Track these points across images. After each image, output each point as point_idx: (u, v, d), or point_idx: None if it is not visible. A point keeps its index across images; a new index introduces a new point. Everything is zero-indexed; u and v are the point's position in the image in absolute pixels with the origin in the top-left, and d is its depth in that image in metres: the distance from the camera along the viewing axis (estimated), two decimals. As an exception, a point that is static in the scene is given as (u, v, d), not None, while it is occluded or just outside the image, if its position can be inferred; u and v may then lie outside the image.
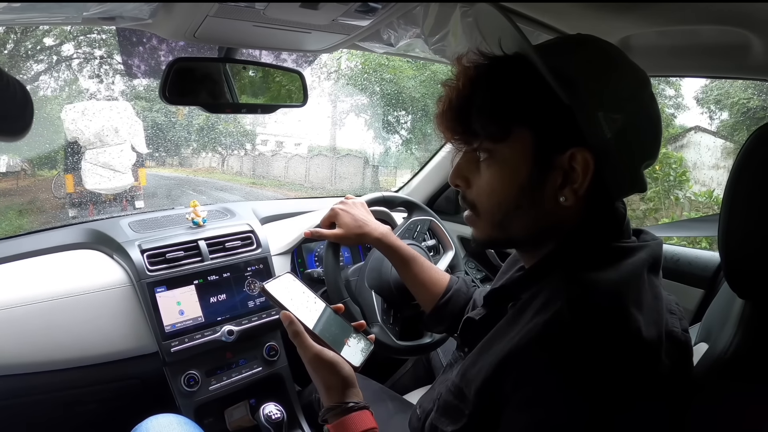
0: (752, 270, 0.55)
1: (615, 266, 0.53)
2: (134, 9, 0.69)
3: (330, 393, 0.67)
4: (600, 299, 0.50)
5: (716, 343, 0.58)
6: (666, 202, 4.54)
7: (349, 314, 1.01)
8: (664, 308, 0.54)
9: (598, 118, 0.52)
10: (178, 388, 1.10)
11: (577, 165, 0.53)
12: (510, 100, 0.54)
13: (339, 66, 7.80)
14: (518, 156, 0.55)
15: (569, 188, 0.54)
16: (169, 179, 7.65)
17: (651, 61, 1.00)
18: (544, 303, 0.52)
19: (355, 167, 8.30)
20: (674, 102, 6.28)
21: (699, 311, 1.04)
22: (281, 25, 0.80)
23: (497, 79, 0.55)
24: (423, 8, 0.81)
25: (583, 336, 0.48)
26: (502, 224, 0.59)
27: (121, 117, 4.85)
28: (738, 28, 0.76)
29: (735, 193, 0.54)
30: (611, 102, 0.53)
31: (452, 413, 0.57)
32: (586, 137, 0.52)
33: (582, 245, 0.56)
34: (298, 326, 0.68)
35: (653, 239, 0.59)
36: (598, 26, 0.88)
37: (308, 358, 0.67)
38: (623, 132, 0.53)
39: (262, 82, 1.04)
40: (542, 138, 0.54)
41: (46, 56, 5.67)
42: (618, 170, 0.55)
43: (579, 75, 0.53)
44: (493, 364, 0.52)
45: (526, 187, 0.55)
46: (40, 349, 0.99)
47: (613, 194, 0.57)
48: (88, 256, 1.18)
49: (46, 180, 5.26)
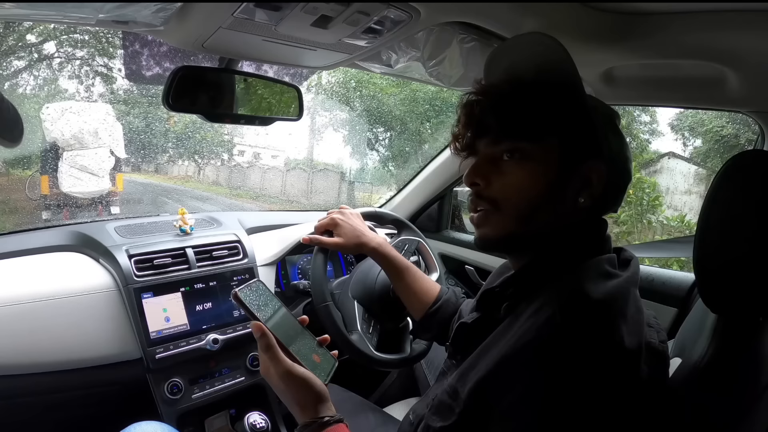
0: (724, 286, 0.59)
1: (605, 279, 0.58)
2: (149, 15, 0.70)
3: (304, 409, 0.66)
4: (591, 308, 0.54)
5: (690, 356, 0.62)
6: (639, 225, 4.69)
7: (330, 319, 1.03)
8: (644, 321, 0.58)
9: (608, 136, 0.63)
10: (161, 395, 1.08)
11: (593, 174, 0.61)
12: (550, 109, 0.62)
13: (320, 80, 7.83)
14: (549, 157, 0.62)
15: (587, 192, 0.62)
16: (144, 186, 7.47)
17: (632, 91, 1.07)
18: (537, 309, 0.56)
19: (332, 182, 8.28)
20: (649, 128, 6.51)
21: (672, 329, 1.09)
22: (289, 42, 0.83)
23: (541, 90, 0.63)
24: (425, 33, 0.86)
25: (571, 342, 0.52)
26: (527, 218, 0.63)
27: (102, 119, 4.75)
28: (715, 63, 0.83)
29: (709, 215, 0.59)
30: (612, 127, 0.65)
31: (444, 411, 0.60)
32: (601, 151, 0.61)
33: (574, 251, 0.62)
34: (270, 339, 0.67)
35: (632, 257, 0.66)
36: (583, 57, 0.94)
37: (280, 373, 0.66)
38: (617, 152, 0.64)
39: (262, 94, 1.06)
40: (570, 145, 0.62)
41: (27, 53, 5.53)
42: (617, 184, 0.65)
43: (594, 102, 0.65)
44: (489, 366, 0.55)
45: (553, 185, 0.62)
46: (22, 351, 0.97)
47: (609, 206, 0.66)
48: (74, 259, 1.16)
49: (20, 180, 5.07)
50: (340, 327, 1.04)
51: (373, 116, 7.48)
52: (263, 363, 0.68)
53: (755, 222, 0.56)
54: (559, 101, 0.62)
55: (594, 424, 0.51)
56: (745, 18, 0.71)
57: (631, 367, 0.54)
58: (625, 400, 0.53)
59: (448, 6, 0.73)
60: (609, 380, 0.52)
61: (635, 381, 0.54)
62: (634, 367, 0.54)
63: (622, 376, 0.53)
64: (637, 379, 0.54)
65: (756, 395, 0.58)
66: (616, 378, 0.52)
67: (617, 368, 0.53)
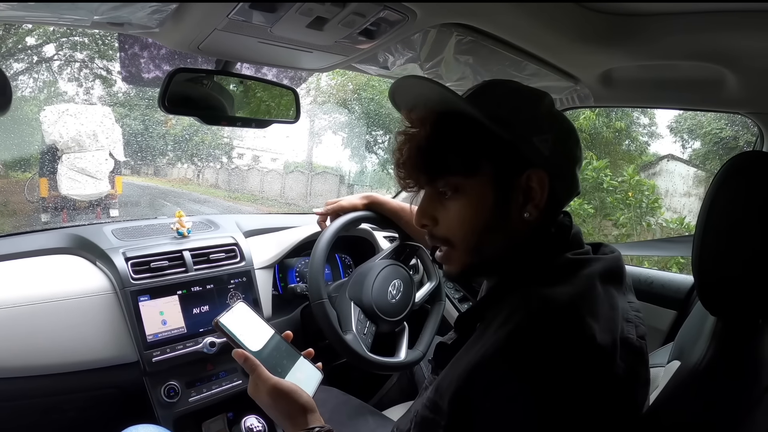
0: (723, 288, 0.59)
1: (570, 279, 0.58)
2: (144, 17, 0.70)
3: (294, 422, 0.69)
4: (557, 311, 0.55)
5: (689, 359, 0.61)
6: (638, 228, 4.70)
7: (325, 317, 1.05)
8: (620, 317, 0.59)
9: (534, 142, 0.61)
10: (158, 398, 1.08)
11: (534, 184, 0.61)
12: (475, 139, 0.61)
13: (318, 83, 7.85)
14: (484, 185, 0.62)
15: (531, 204, 0.62)
16: (143, 188, 7.48)
17: (631, 93, 1.06)
18: (506, 317, 0.56)
19: (331, 185, 8.30)
20: (648, 130, 6.54)
21: (672, 331, 1.08)
22: (285, 43, 0.82)
23: (461, 123, 0.62)
24: (422, 35, 0.85)
25: (543, 344, 0.52)
26: (477, 248, 0.64)
27: (101, 122, 4.75)
28: (714, 64, 0.82)
29: (708, 217, 0.59)
30: (537, 126, 0.62)
31: (428, 426, 0.59)
32: (532, 160, 0.61)
33: (536, 258, 0.62)
34: (253, 361, 0.71)
35: (611, 252, 0.66)
36: (581, 59, 0.94)
37: (267, 389, 0.70)
38: (555, 147, 0.62)
39: (258, 97, 1.06)
40: (501, 167, 0.62)
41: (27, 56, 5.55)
42: (563, 179, 0.64)
43: (507, 113, 0.62)
44: (463, 375, 0.55)
45: (495, 209, 0.62)
46: (18, 353, 0.97)
47: (563, 201, 0.66)
48: (70, 262, 1.15)
49: (19, 182, 5.08)
50: (335, 325, 1.04)
51: (371, 119, 7.50)
52: (251, 383, 0.72)
53: (754, 224, 0.56)
54: (467, 130, 0.61)
55: (573, 421, 0.52)
56: (743, 19, 0.71)
57: (606, 363, 0.54)
58: (601, 396, 0.53)
59: (445, 7, 0.73)
60: (584, 377, 0.52)
61: (611, 377, 0.54)
62: (608, 363, 0.54)
63: (596, 372, 0.53)
64: (612, 375, 0.54)
65: (756, 397, 0.58)
66: (591, 375, 0.53)
67: (591, 365, 0.53)
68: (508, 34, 0.83)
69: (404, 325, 1.22)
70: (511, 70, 1.01)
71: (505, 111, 0.62)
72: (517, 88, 0.67)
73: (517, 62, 0.96)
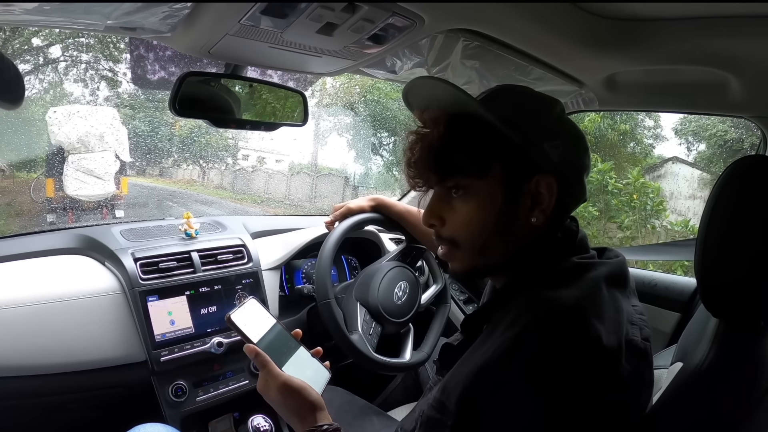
0: (725, 290, 0.60)
1: (576, 282, 0.59)
2: (157, 22, 0.71)
3: (303, 419, 0.69)
4: (563, 313, 0.55)
5: (691, 360, 0.62)
6: (643, 230, 4.68)
7: (331, 316, 1.06)
8: (625, 319, 0.59)
9: (544, 148, 0.62)
10: (166, 398, 1.09)
11: (542, 189, 0.62)
12: (486, 141, 0.62)
13: (324, 85, 7.85)
14: (493, 187, 0.62)
15: (538, 209, 0.63)
16: (148, 189, 7.50)
17: (635, 97, 1.07)
18: (513, 319, 0.57)
19: (336, 186, 8.29)
20: (653, 133, 6.52)
21: (675, 333, 1.09)
22: (295, 48, 0.83)
23: (473, 125, 0.63)
24: (429, 40, 0.86)
25: (549, 346, 0.53)
26: (482, 250, 0.65)
27: (107, 123, 4.78)
28: (717, 68, 0.83)
29: (711, 220, 0.60)
30: (548, 133, 0.63)
31: (434, 426, 0.60)
32: (541, 165, 0.62)
33: (542, 261, 0.63)
34: (265, 357, 0.72)
35: (615, 256, 0.67)
36: (586, 64, 0.94)
37: (277, 386, 0.70)
38: (565, 153, 0.63)
39: (267, 99, 1.07)
40: (511, 170, 0.62)
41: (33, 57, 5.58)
42: (571, 185, 0.65)
43: (519, 118, 0.62)
44: (470, 376, 0.56)
45: (503, 212, 0.63)
46: (27, 353, 0.98)
47: (570, 207, 0.67)
48: (79, 262, 1.17)
49: (26, 182, 5.10)
50: (341, 325, 1.05)
51: (377, 121, 7.50)
52: (260, 379, 0.73)
53: (756, 227, 0.57)
54: (479, 132, 0.62)
55: (579, 422, 0.52)
56: (747, 24, 0.72)
57: (612, 365, 0.55)
58: (606, 397, 0.54)
59: (453, 13, 0.73)
60: (590, 379, 0.53)
61: (616, 379, 0.55)
62: (614, 365, 0.55)
63: (602, 374, 0.54)
64: (618, 376, 0.55)
65: (757, 399, 0.58)
66: (597, 376, 0.53)
67: (597, 366, 0.54)
68: (514, 39, 0.84)
69: (410, 326, 1.23)
70: (516, 75, 1.02)
71: (518, 116, 0.63)
72: (530, 94, 0.68)
73: (522, 67, 0.96)
